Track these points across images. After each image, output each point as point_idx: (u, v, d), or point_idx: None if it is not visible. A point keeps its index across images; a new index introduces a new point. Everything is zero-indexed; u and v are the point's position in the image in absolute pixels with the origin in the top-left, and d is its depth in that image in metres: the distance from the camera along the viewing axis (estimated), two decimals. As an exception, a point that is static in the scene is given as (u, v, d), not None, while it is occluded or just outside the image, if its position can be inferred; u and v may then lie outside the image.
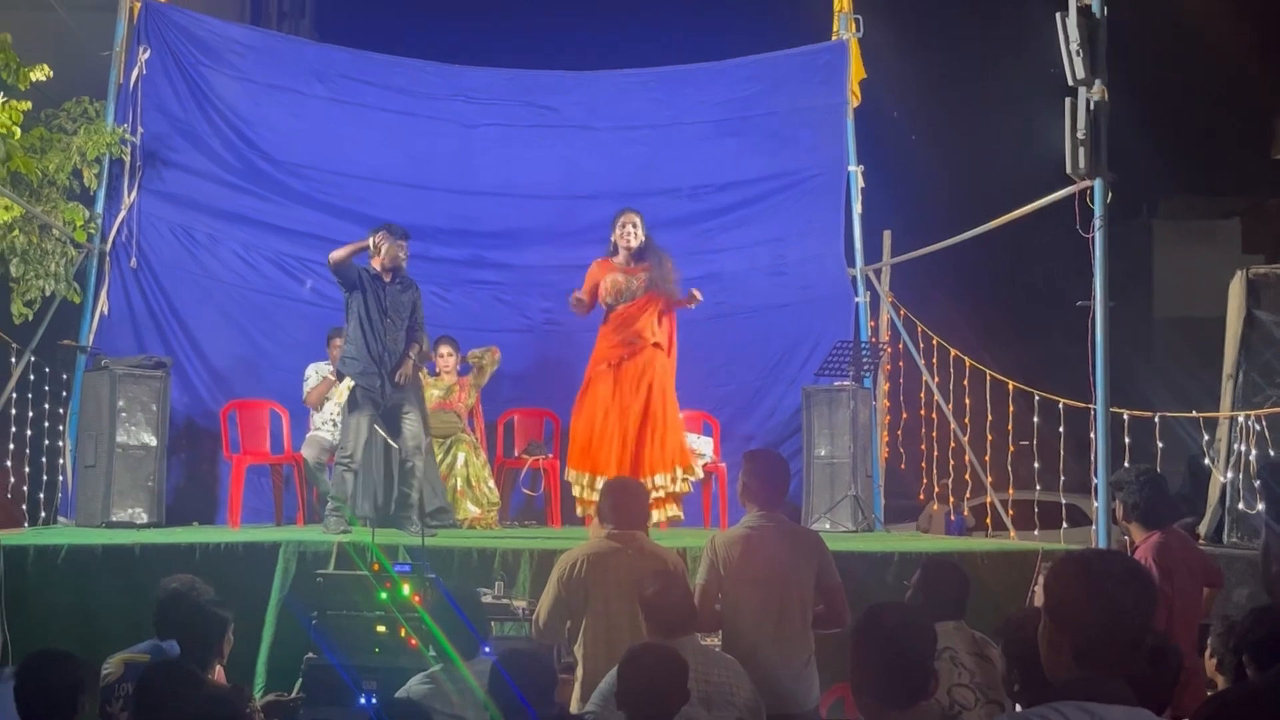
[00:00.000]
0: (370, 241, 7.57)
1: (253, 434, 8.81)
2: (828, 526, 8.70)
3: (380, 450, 7.84)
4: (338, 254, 7.45)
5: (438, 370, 9.04)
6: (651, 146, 10.12)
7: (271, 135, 9.62)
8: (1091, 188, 6.90)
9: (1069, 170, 6.86)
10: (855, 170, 10.14)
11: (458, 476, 8.60)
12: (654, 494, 7.51)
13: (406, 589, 5.46)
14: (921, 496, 10.44)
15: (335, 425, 8.70)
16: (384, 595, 5.49)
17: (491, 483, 8.62)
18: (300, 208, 9.66)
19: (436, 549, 6.54)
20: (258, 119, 9.60)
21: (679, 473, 7.75)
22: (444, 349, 8.64)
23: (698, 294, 7.83)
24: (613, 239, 7.90)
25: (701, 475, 8.04)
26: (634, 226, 7.85)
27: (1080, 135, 6.74)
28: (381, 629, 5.44)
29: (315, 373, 8.82)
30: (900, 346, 9.78)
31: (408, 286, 7.58)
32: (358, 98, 9.80)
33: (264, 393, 9.11)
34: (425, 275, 9.40)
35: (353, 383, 7.47)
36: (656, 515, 7.53)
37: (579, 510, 7.77)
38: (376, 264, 7.57)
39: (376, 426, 7.40)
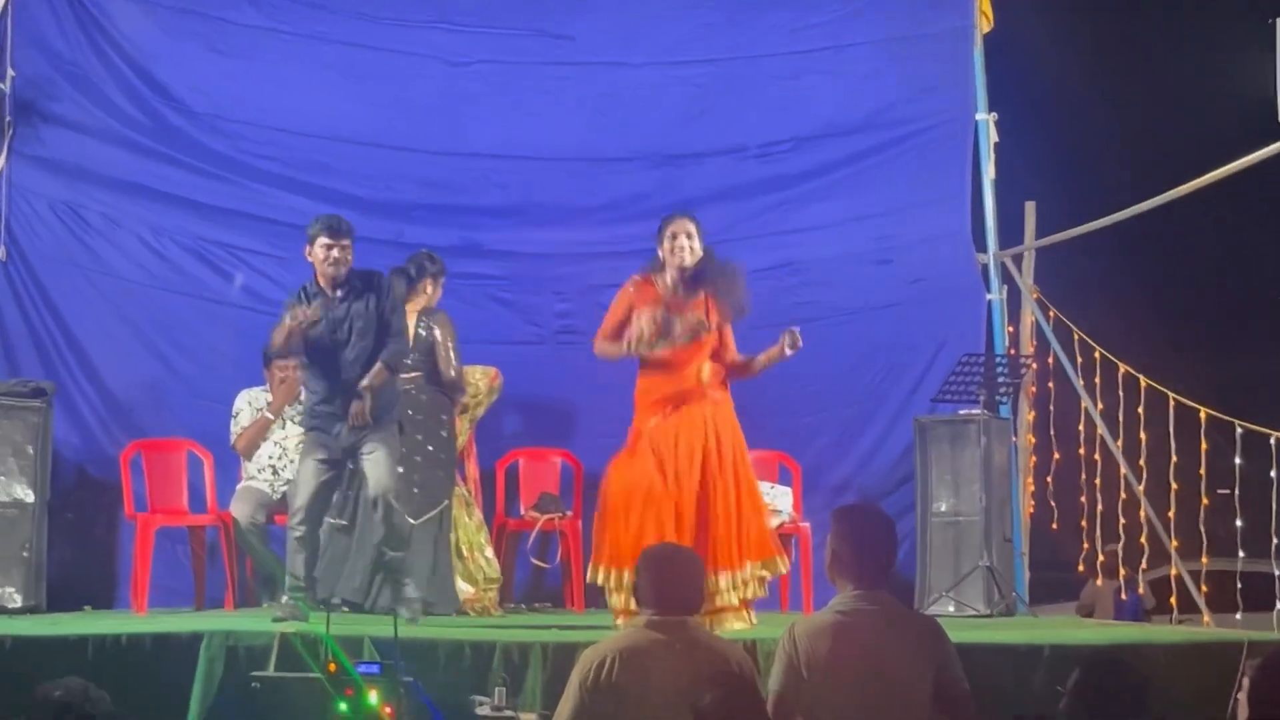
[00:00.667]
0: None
1: (165, 486, 8.84)
2: (951, 610, 8.69)
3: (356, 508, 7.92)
4: (276, 339, 7.47)
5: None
6: (705, 89, 10.14)
7: (189, 79, 9.70)
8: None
9: (1281, 119, 6.83)
10: (986, 119, 10.13)
11: (443, 543, 8.66)
12: (715, 600, 7.30)
13: (374, 697, 5.44)
14: (1081, 567, 10.37)
15: (275, 472, 8.76)
16: (343, 706, 5.47)
17: (490, 551, 8.66)
18: (228, 177, 9.74)
19: (416, 642, 6.52)
20: (170, 57, 9.68)
21: (751, 569, 7.37)
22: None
23: (796, 335, 7.32)
24: (659, 253, 7.51)
25: (783, 569, 7.73)
26: (688, 238, 7.44)
27: (1298, 69, 6.70)
28: (341, 752, 5.44)
29: (248, 404, 8.87)
30: (1050, 361, 9.74)
31: (360, 291, 7.53)
32: (305, 26, 9.87)
33: (180, 429, 9.16)
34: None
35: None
36: (715, 629, 7.33)
37: (613, 604, 7.54)
38: (320, 278, 7.56)
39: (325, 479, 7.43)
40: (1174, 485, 8.65)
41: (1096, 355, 9.31)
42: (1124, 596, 11.62)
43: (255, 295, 9.61)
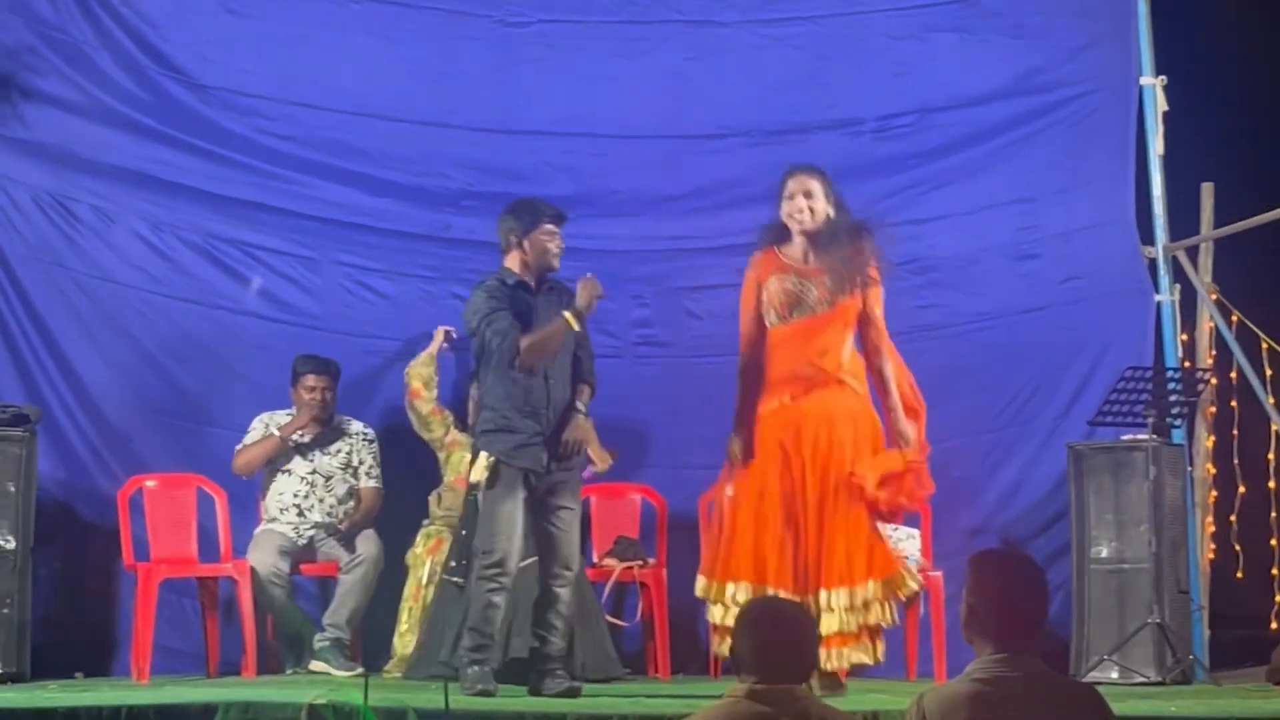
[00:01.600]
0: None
1: (171, 529, 8.92)
2: (1115, 676, 8.65)
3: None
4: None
5: (471, 419, 9.15)
6: (812, 51, 10.16)
7: (198, 48, 9.79)
8: None
9: None
10: (1153, 84, 10.08)
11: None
12: (831, 623, 7.40)
13: (418, 781, 5.50)
14: (1275, 624, 10.30)
15: (301, 513, 8.84)
16: (382, 791, 5.54)
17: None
18: (243, 162, 9.82)
19: (470, 714, 6.58)
20: (176, 22, 9.77)
21: (874, 589, 7.51)
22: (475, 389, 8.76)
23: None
24: (780, 216, 7.79)
25: (915, 588, 7.87)
26: (807, 196, 7.69)
27: None
28: None
29: (264, 425, 8.98)
30: (1233, 375, 9.68)
31: (563, 291, 7.80)
32: (330, -18, 9.98)
33: (188, 463, 9.26)
34: (443, 266, 9.58)
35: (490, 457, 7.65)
36: (833, 659, 7.43)
37: (717, 645, 7.66)
38: (514, 264, 7.80)
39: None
40: (1385, 523, 8.59)
41: (1290, 368, 9.27)
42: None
43: (276, 302, 9.74)
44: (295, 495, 8.91)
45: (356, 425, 9.29)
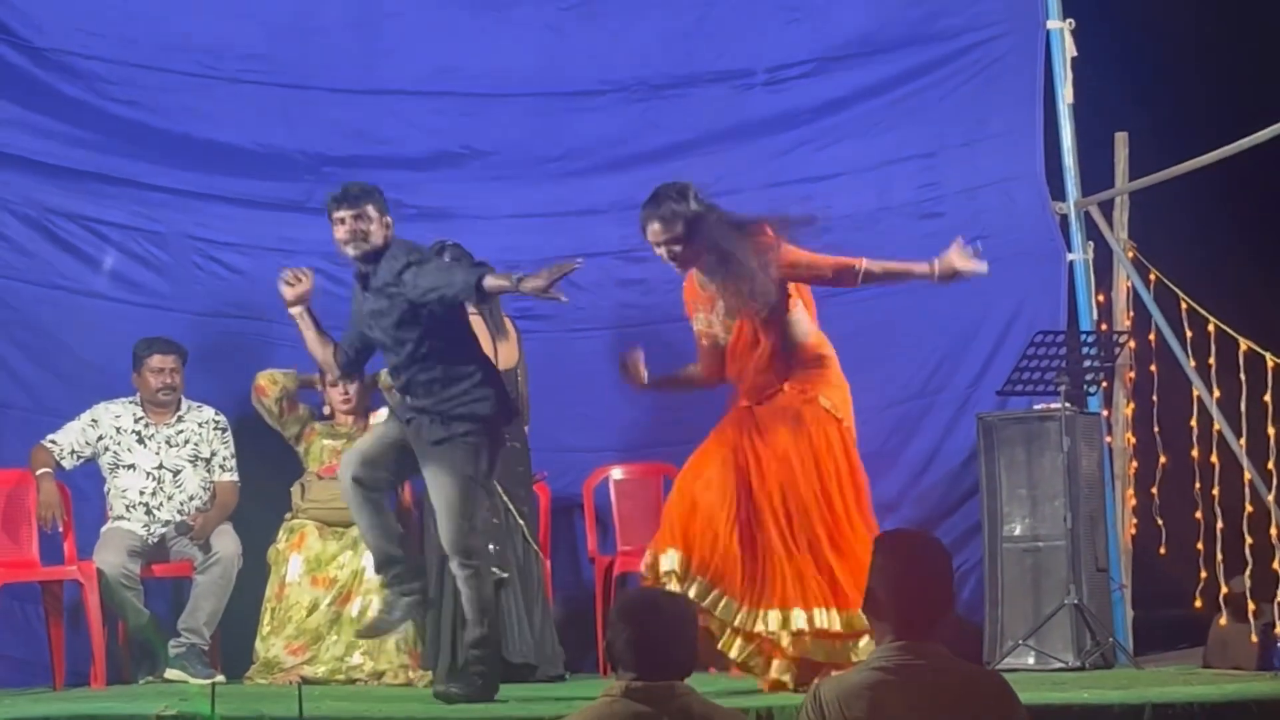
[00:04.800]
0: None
1: (7, 530, 8.85)
2: (1031, 662, 8.72)
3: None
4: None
5: (327, 409, 9.10)
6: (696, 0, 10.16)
7: (28, 3, 9.68)
8: None
9: None
10: (1061, 28, 10.14)
11: (371, 595, 8.71)
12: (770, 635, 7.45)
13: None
14: (1200, 603, 10.34)
15: (149, 511, 8.77)
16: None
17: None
18: (82, 132, 9.75)
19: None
20: (3, -25, 9.70)
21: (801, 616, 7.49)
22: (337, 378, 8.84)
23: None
24: None
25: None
26: (658, 247, 7.69)
27: None
28: None
29: (93, 421, 8.96)
30: (1151, 337, 9.72)
31: (393, 258, 7.64)
32: (175, -72, 9.91)
33: (26, 457, 9.07)
34: (302, 238, 9.48)
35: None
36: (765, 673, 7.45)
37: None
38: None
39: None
40: (1315, 493, 8.64)
41: (1211, 329, 9.27)
42: (1276, 632, 11.63)
43: (123, 281, 9.69)
44: (142, 493, 8.86)
45: (207, 412, 9.22)
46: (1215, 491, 9.28)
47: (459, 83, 10.01)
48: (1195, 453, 9.46)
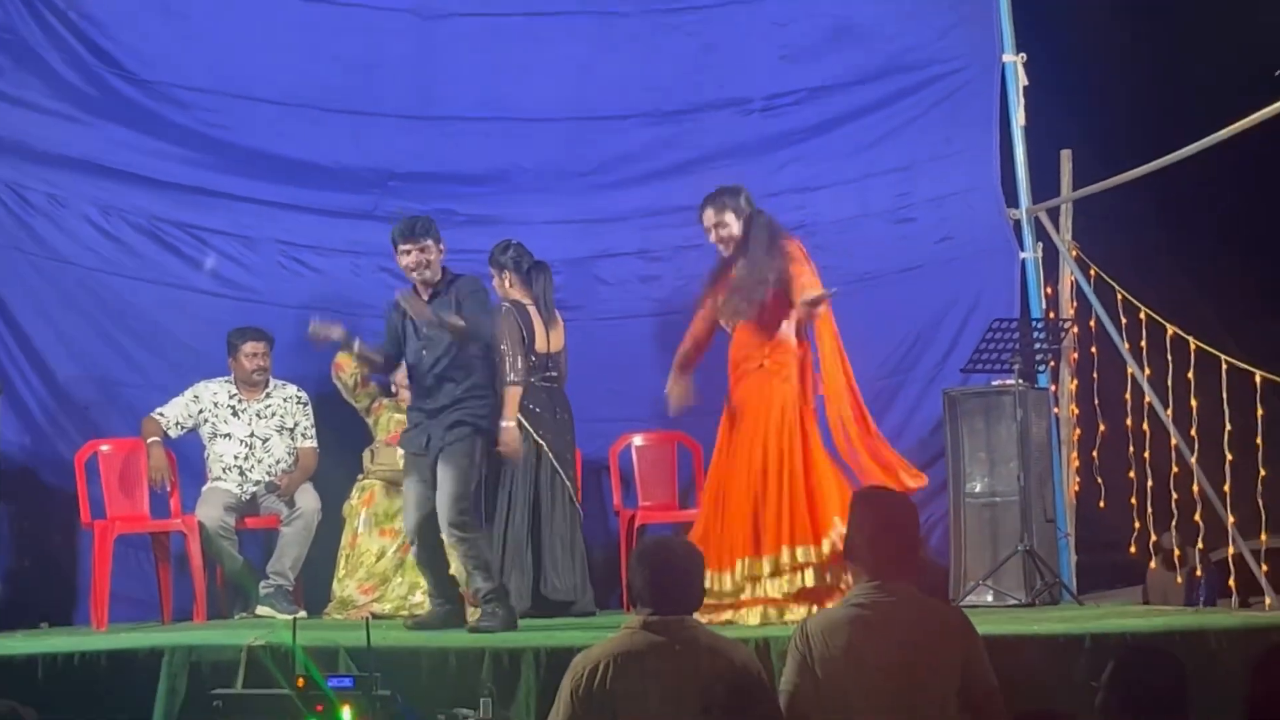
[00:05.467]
0: None
1: (124, 489, 8.86)
2: (990, 599, 8.71)
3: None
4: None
5: (394, 388, 9.12)
6: (703, 37, 10.11)
7: (138, 45, 9.67)
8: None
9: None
10: (1014, 61, 10.08)
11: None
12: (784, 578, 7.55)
13: (347, 714, 5.44)
14: (1133, 549, 10.34)
15: (243, 474, 8.79)
16: (314, 724, 5.48)
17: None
18: (184, 152, 9.72)
19: (394, 653, 6.55)
20: (117, 21, 9.64)
21: (789, 555, 7.65)
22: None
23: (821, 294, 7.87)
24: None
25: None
26: (723, 227, 8.01)
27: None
28: (311, 776, 5.43)
29: (195, 398, 9.04)
30: (1092, 324, 9.69)
31: (444, 291, 7.85)
32: (263, -19, 9.87)
33: (139, 428, 9.10)
34: (370, 241, 9.49)
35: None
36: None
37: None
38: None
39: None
40: (1229, 456, 8.59)
41: (1142, 316, 9.24)
42: (1196, 575, 11.61)
43: (219, 279, 9.64)
44: (236, 458, 8.88)
45: (291, 389, 9.22)
46: (1146, 454, 9.25)
47: (503, 110, 9.96)
48: (1129, 421, 9.43)
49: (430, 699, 6.23)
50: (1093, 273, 9.69)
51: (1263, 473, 8.36)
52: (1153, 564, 11.06)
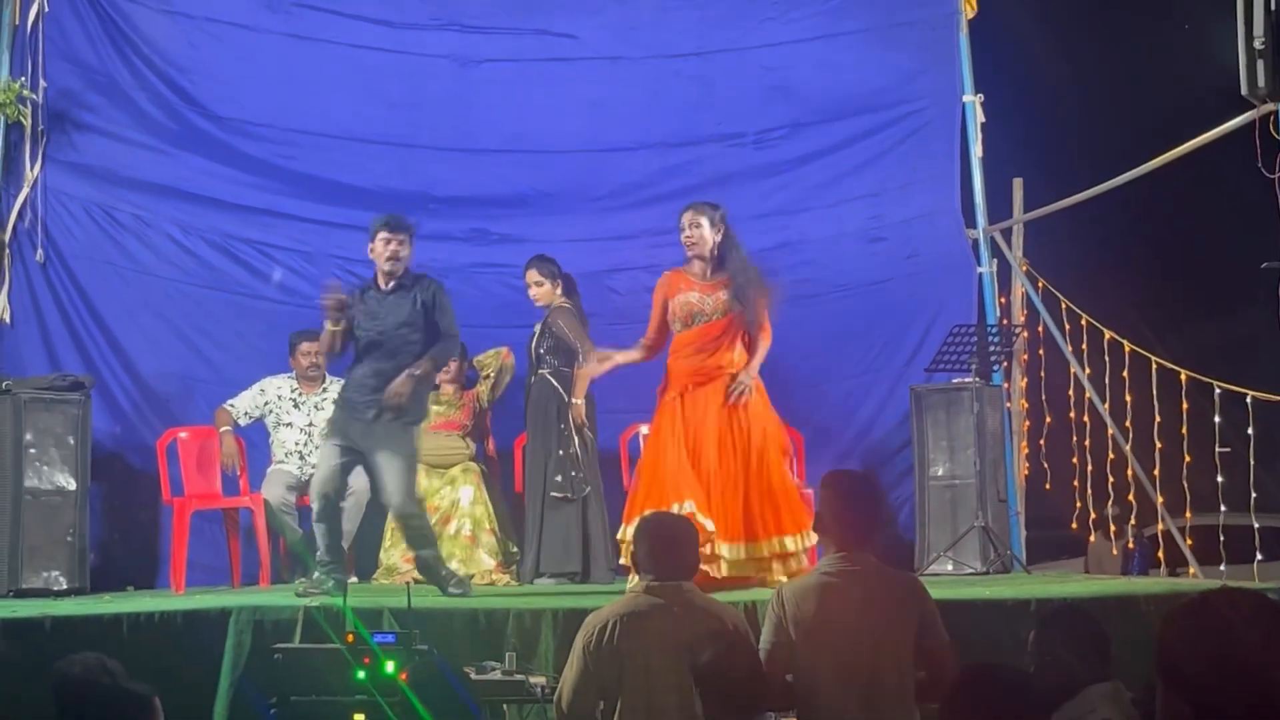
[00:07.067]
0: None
1: (199, 470, 8.90)
2: (949, 568, 8.74)
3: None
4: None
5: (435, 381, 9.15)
6: (702, 81, 10.14)
7: (213, 85, 9.72)
8: (1276, 113, 6.82)
9: (1244, 90, 6.79)
10: (973, 101, 10.12)
11: (465, 518, 8.72)
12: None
13: (391, 666, 5.49)
14: (1075, 525, 10.38)
15: (302, 457, 8.83)
16: (362, 674, 5.52)
17: (510, 527, 8.76)
18: (253, 178, 9.78)
19: (431, 612, 6.58)
20: (194, 65, 9.69)
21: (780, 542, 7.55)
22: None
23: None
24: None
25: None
26: (697, 227, 7.72)
27: (1259, 43, 6.67)
28: (360, 718, 5.48)
29: (261, 391, 9.02)
30: (1040, 329, 9.74)
31: (409, 287, 7.61)
32: (321, 32, 9.88)
33: (212, 417, 9.14)
34: (415, 258, 9.50)
35: None
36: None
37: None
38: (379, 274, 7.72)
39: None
40: (1158, 444, 8.63)
41: (1083, 323, 9.30)
42: (1131, 546, 11.63)
43: (283, 288, 9.68)
44: (297, 444, 8.89)
45: (344, 384, 9.23)
46: (1087, 443, 9.32)
47: (529, 143, 9.98)
48: (1072, 414, 9.49)
49: (462, 653, 6.27)
50: (1041, 285, 9.74)
51: (1188, 459, 8.40)
52: (1092, 538, 11.11)
